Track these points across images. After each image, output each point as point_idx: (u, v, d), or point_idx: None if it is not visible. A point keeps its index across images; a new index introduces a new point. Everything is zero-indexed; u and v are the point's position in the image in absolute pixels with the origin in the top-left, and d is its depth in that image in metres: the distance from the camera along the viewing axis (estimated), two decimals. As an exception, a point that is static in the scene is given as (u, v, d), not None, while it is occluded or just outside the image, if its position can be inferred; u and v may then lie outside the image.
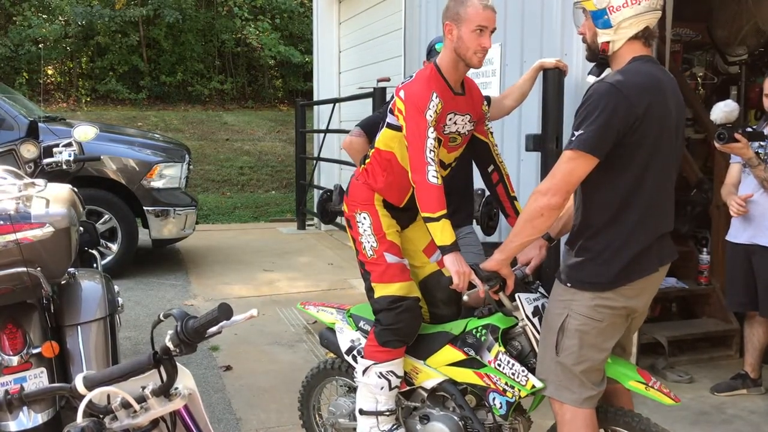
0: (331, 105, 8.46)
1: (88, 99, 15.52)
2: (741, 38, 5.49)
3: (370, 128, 3.25)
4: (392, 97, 2.69)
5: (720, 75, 5.92)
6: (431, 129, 2.51)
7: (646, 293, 2.33)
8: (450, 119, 2.64)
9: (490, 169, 2.88)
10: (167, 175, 6.52)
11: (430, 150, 2.49)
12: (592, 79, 2.34)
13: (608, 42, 2.24)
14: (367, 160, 2.79)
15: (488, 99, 3.21)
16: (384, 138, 2.71)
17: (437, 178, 2.47)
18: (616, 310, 2.25)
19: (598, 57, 2.31)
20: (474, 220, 3.85)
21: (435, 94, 2.55)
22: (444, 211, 2.46)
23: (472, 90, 2.79)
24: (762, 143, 3.75)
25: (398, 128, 2.61)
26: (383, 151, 2.71)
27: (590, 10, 2.23)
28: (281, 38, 16.37)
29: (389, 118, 2.67)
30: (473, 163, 3.08)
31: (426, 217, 2.49)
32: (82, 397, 1.46)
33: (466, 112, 2.70)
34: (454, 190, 3.36)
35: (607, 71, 2.31)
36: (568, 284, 2.29)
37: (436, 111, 2.53)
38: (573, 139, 2.15)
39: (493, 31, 2.59)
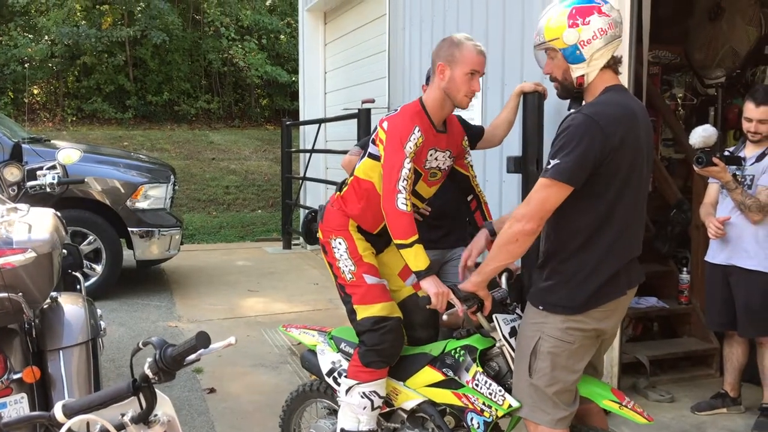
0: (317, 125, 8.51)
1: (74, 118, 15.51)
2: (718, 61, 5.59)
3: (368, 147, 3.31)
4: (376, 127, 2.75)
5: (699, 96, 6.02)
6: (408, 160, 2.57)
7: (616, 315, 2.39)
8: (431, 155, 2.72)
9: (469, 198, 3.02)
10: (152, 196, 6.52)
11: (404, 179, 2.54)
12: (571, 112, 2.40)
13: (583, 75, 2.29)
14: (345, 188, 2.83)
15: (481, 130, 3.29)
16: (364, 167, 2.76)
17: (406, 205, 2.52)
18: (586, 333, 2.30)
19: (574, 91, 2.36)
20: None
21: (417, 129, 2.61)
22: (416, 237, 2.51)
23: (453, 127, 2.87)
24: (739, 167, 3.82)
25: (378, 158, 2.67)
26: (362, 180, 2.77)
27: (561, 48, 2.29)
28: (268, 58, 16.46)
29: (371, 148, 2.73)
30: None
31: (398, 244, 2.53)
32: (61, 425, 1.47)
33: (446, 148, 2.78)
34: (447, 214, 3.45)
35: (584, 103, 2.37)
36: (540, 307, 2.34)
37: (416, 144, 2.60)
38: (549, 167, 2.20)
39: (482, 75, 2.68)
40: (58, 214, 2.94)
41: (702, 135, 3.82)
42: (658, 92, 5.61)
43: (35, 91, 16.07)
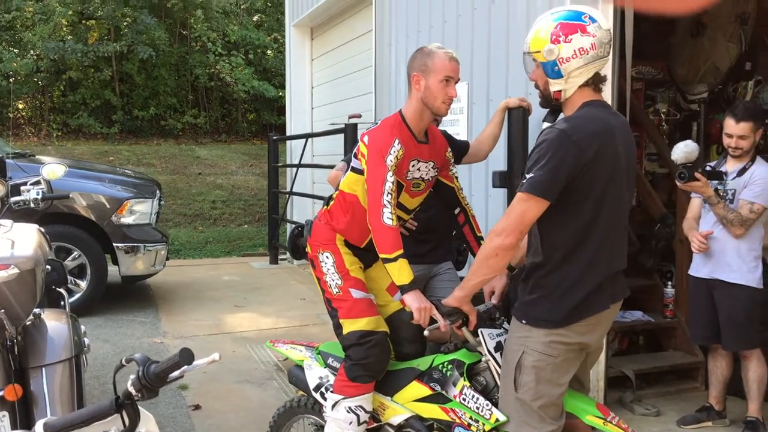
0: (304, 140, 8.53)
1: (59, 133, 15.44)
2: (700, 77, 5.66)
3: None
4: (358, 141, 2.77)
5: (682, 111, 6.09)
6: (390, 173, 2.58)
7: (599, 329, 2.40)
8: (413, 166, 2.73)
9: (456, 211, 3.00)
10: (138, 211, 6.49)
11: (388, 193, 2.55)
12: (546, 125, 2.42)
13: (560, 91, 2.32)
14: (331, 202, 2.85)
15: (466, 145, 3.31)
16: (348, 181, 2.78)
17: (392, 219, 2.53)
18: (570, 346, 2.31)
19: (551, 104, 2.40)
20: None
21: (397, 141, 2.63)
22: (400, 251, 2.52)
23: (436, 138, 2.89)
24: (720, 182, 3.86)
25: (361, 172, 2.69)
26: (347, 193, 2.78)
27: (540, 62, 2.31)
28: (255, 73, 16.49)
29: (353, 162, 2.75)
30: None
31: (384, 258, 2.54)
32: (42, 443, 1.46)
33: (429, 159, 2.79)
34: (434, 228, 3.46)
35: (561, 116, 2.40)
36: (523, 321, 2.35)
37: (396, 156, 2.61)
38: (524, 182, 2.23)
39: (457, 81, 2.70)
40: (42, 229, 2.92)
41: (684, 150, 3.86)
42: (641, 107, 5.68)
43: (20, 106, 15.99)
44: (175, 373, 1.49)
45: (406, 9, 5.95)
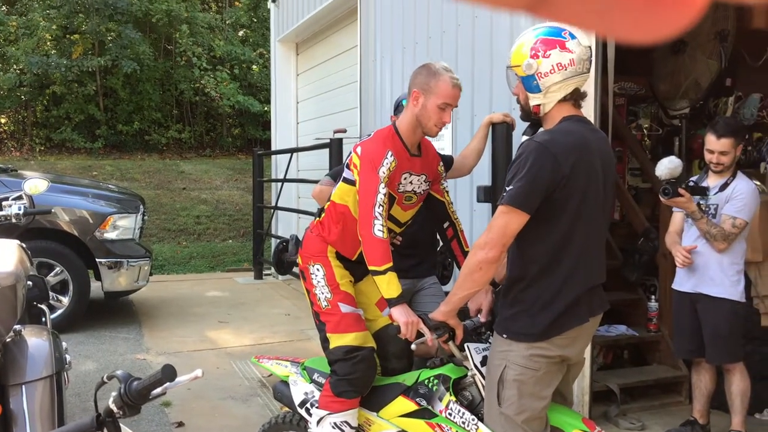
0: (289, 154, 8.52)
1: (42, 148, 15.33)
2: (681, 92, 5.73)
3: (338, 177, 3.32)
4: (350, 152, 2.77)
5: (664, 126, 6.16)
6: (383, 185, 2.58)
7: (579, 342, 2.41)
8: (405, 178, 2.73)
9: (445, 225, 2.99)
10: (121, 227, 6.45)
11: (379, 205, 2.55)
12: (525, 138, 2.45)
13: (539, 105, 2.35)
14: (323, 214, 2.84)
15: (451, 159, 3.32)
16: (340, 192, 2.78)
17: (383, 232, 2.53)
18: (551, 359, 2.32)
19: (531, 117, 2.42)
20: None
21: (390, 153, 2.63)
22: (390, 264, 2.51)
23: (429, 151, 2.89)
24: (703, 197, 3.90)
25: (353, 182, 2.69)
26: (338, 204, 2.78)
27: (520, 76, 2.35)
28: (240, 88, 16.48)
29: (345, 173, 2.76)
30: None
31: (373, 270, 2.54)
32: (21, 462, 1.43)
33: (421, 172, 2.79)
34: (421, 243, 3.45)
35: (540, 130, 2.42)
36: (504, 335, 2.36)
37: (389, 168, 2.61)
38: (504, 194, 2.25)
39: (454, 107, 2.71)
40: (23, 245, 2.89)
41: (668, 166, 3.89)
42: (624, 123, 5.73)
43: (2, 121, 15.89)
44: (158, 390, 1.47)
45: (391, 25, 5.99)
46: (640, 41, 0.36)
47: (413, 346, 2.51)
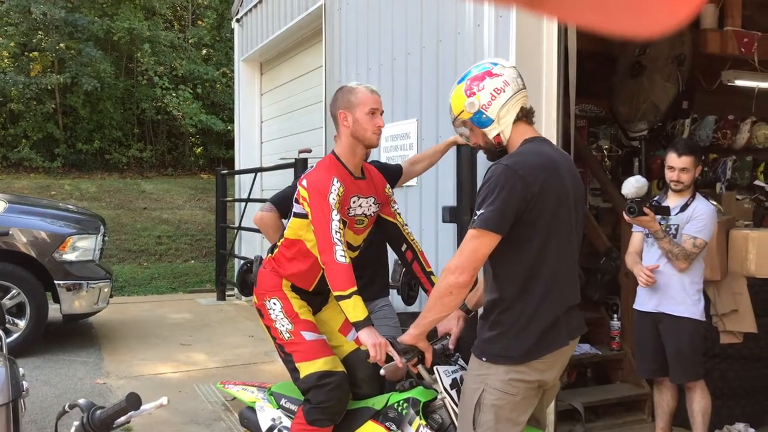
0: (253, 174, 8.47)
1: (-1, 167, 14.99)
2: (640, 115, 5.86)
3: (280, 203, 3.28)
4: (295, 186, 2.77)
5: (624, 148, 6.28)
6: (335, 212, 2.60)
7: (557, 366, 2.41)
8: (354, 202, 2.75)
9: (403, 248, 2.98)
10: (81, 248, 6.31)
11: (336, 231, 2.56)
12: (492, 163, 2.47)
13: (498, 134, 2.38)
14: (276, 250, 2.83)
15: (399, 168, 3.35)
16: (292, 227, 2.79)
17: (345, 257, 2.53)
18: (529, 384, 2.32)
19: (497, 152, 2.45)
20: (396, 290, 3.90)
21: (336, 179, 2.66)
22: (354, 288, 2.51)
23: (372, 174, 2.92)
24: (665, 216, 3.97)
25: (305, 215, 2.69)
26: (292, 239, 2.79)
27: (469, 118, 2.39)
28: (203, 107, 16.35)
29: (295, 208, 2.76)
30: (387, 243, 3.17)
31: (338, 296, 2.53)
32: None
33: (369, 194, 2.82)
34: (366, 263, 3.42)
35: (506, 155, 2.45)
36: (483, 359, 2.35)
37: (338, 194, 2.63)
38: (475, 218, 2.26)
39: (381, 113, 2.77)
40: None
41: (635, 185, 3.96)
42: (585, 144, 5.83)
43: (-43, 139, 15.50)
44: (122, 419, 1.44)
45: (356, 46, 6.02)
46: (637, 35, 0.37)
47: (382, 371, 2.50)
